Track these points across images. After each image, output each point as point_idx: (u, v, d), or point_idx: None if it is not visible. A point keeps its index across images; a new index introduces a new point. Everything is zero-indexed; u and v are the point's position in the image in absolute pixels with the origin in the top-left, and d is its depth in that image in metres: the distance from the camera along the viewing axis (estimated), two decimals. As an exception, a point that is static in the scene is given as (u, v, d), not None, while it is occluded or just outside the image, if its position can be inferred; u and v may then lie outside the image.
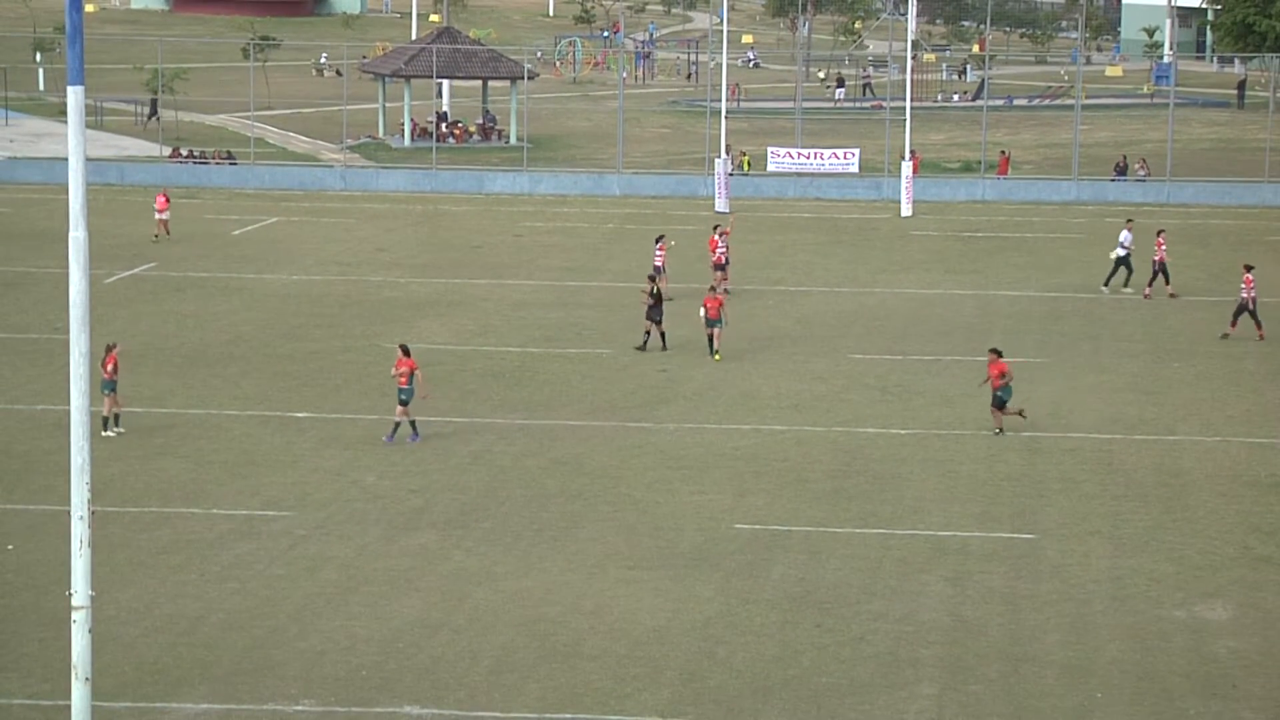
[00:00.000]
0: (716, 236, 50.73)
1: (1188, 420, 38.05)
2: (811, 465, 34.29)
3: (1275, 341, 45.97)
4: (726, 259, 50.30)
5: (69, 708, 17.29)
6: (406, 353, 35.58)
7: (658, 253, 49.65)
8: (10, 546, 29.08)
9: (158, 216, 59.07)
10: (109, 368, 35.40)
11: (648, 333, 43.66)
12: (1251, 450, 35.44)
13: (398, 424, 35.35)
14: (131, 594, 26.94)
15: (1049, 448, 35.71)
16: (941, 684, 24.13)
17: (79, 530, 16.80)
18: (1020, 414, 36.35)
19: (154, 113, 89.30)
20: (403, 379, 35.17)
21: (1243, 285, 45.46)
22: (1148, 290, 51.06)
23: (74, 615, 16.90)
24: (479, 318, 47.85)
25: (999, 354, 36.53)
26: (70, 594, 16.92)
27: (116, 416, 35.81)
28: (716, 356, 42.18)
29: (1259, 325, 45.36)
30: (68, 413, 17.03)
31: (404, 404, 35.23)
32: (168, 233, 58.75)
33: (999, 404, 36.35)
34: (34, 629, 25.45)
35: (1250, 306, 45.25)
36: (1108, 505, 32.07)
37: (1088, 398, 39.80)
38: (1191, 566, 28.91)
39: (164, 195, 59.85)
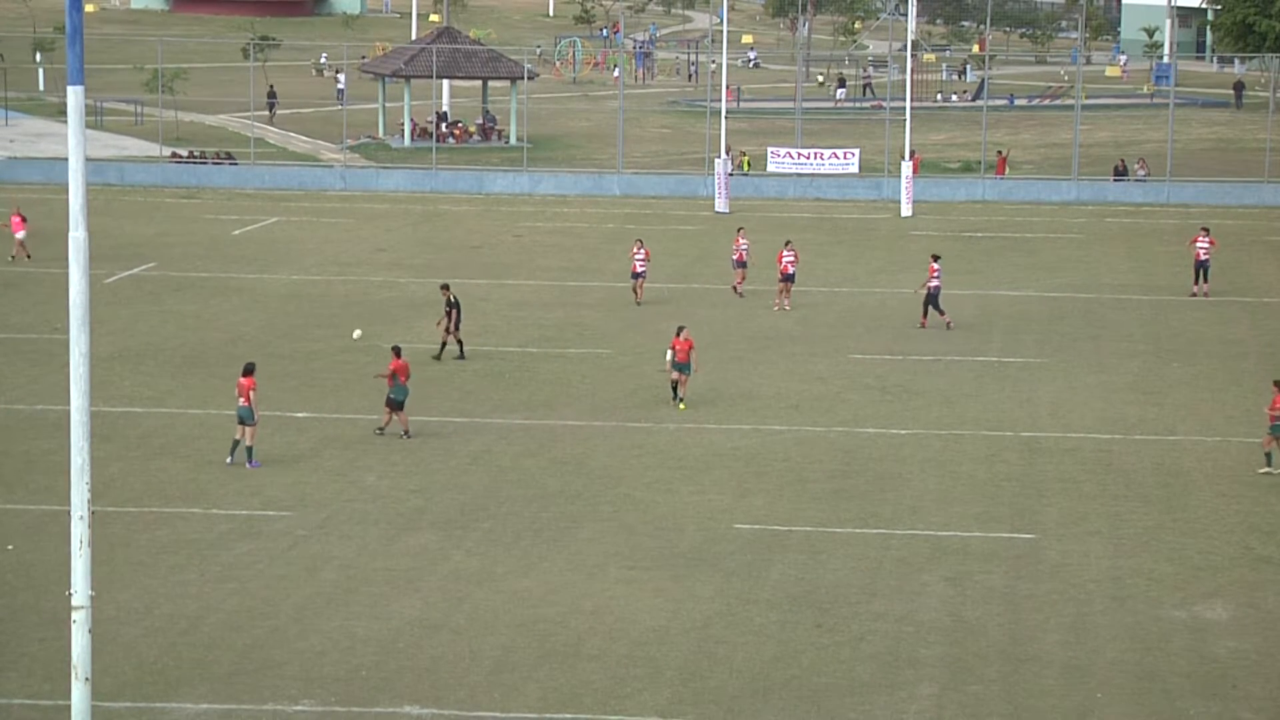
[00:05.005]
0: (740, 238, 51.57)
1: (1188, 420, 38.06)
2: (811, 465, 34.28)
3: (1276, 341, 46.09)
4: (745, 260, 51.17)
5: (69, 708, 17.31)
6: (248, 371, 34.01)
7: (638, 256, 49.67)
8: (10, 546, 29.09)
9: (16, 236, 54.28)
10: None
11: (444, 344, 42.37)
12: (1251, 450, 35.40)
13: (237, 442, 33.85)
14: (131, 594, 26.95)
15: (1049, 448, 35.71)
16: (941, 684, 24.13)
17: (79, 530, 16.81)
18: (405, 432, 35.68)
19: (271, 108, 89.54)
20: (245, 398, 33.61)
21: (928, 275, 46.53)
22: (1194, 289, 51.34)
23: (74, 615, 16.91)
24: (479, 318, 47.79)
25: (398, 352, 35.99)
26: (70, 594, 16.93)
27: None
28: (681, 406, 38.05)
29: (942, 313, 46.37)
30: (68, 413, 17.04)
31: (248, 424, 33.57)
32: (28, 255, 54.26)
33: (390, 403, 35.70)
34: (34, 629, 25.45)
35: (935, 296, 46.39)
36: (1108, 505, 32.07)
37: (1088, 398, 39.80)
38: (1191, 566, 28.91)
39: (19, 215, 55.06)
